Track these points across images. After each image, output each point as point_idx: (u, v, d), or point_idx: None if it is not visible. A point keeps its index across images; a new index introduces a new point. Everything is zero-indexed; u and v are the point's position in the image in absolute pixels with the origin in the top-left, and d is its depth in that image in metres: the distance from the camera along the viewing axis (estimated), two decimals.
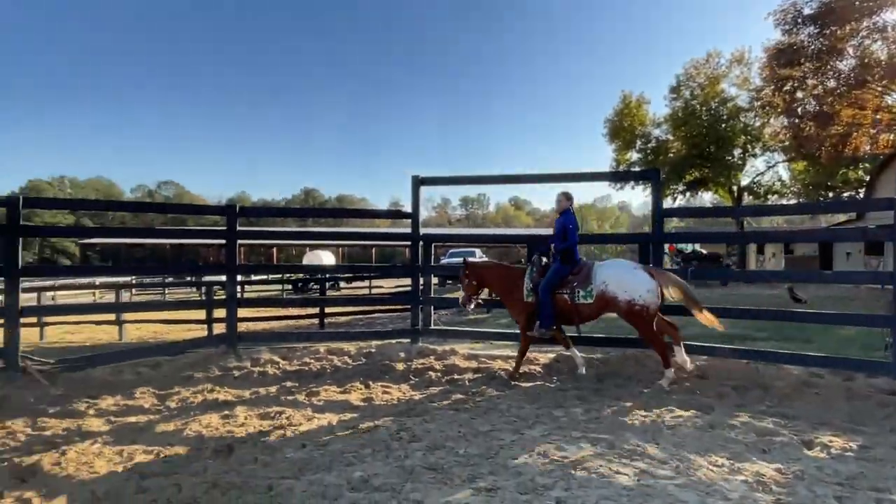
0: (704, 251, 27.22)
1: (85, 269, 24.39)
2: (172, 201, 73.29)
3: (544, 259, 5.72)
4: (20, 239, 5.46)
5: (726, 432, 3.85)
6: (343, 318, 12.25)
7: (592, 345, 6.39)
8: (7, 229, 5.37)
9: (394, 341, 6.89)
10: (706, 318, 5.28)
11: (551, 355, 6.18)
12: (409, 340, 6.79)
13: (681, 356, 5.37)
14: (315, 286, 21.09)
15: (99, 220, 62.58)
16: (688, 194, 30.59)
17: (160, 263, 41.63)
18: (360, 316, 12.58)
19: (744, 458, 3.32)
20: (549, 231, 6.37)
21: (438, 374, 5.67)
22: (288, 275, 22.45)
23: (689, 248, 26.59)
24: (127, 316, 11.15)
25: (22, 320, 5.62)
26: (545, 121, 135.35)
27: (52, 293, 16.77)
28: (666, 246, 10.68)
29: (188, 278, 19.65)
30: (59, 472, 3.34)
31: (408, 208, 7.05)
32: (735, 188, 28.78)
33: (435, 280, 8.59)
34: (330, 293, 17.63)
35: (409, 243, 7.16)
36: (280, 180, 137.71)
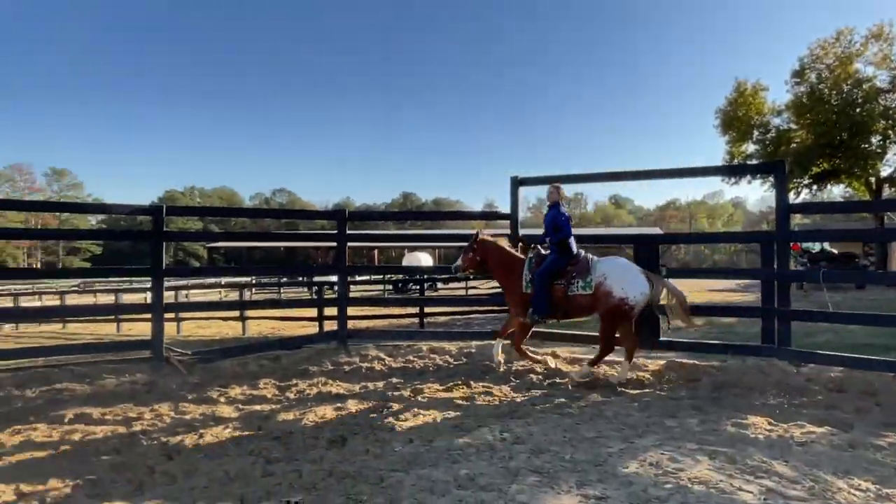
0: (835, 251, 24.36)
1: (213, 270, 27.10)
2: (286, 207, 79.05)
3: (544, 251, 5.81)
4: (163, 243, 6.21)
5: (870, 453, 3.42)
6: (442, 318, 12.50)
7: (706, 352, 5.98)
8: (153, 234, 6.13)
9: (493, 342, 6.90)
10: (692, 323, 5.51)
11: (661, 362, 5.87)
12: (509, 342, 6.77)
13: (624, 371, 5.44)
14: (414, 286, 21.75)
15: (223, 226, 69.27)
16: (814, 188, 27.55)
17: (275, 265, 44.99)
18: (458, 316, 12.78)
19: (894, 484, 2.94)
20: (654, 230, 6.05)
21: (539, 376, 5.60)
22: (389, 275, 23.56)
23: (816, 247, 23.94)
24: (249, 312, 12.19)
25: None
26: (646, 114, 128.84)
27: (185, 291, 18.87)
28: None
29: (299, 278, 21.19)
30: (197, 452, 3.73)
31: (503, 209, 7.06)
32: (873, 180, 25.45)
33: None
34: (427, 293, 18.08)
35: None
36: (380, 185, 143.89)
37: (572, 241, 5.66)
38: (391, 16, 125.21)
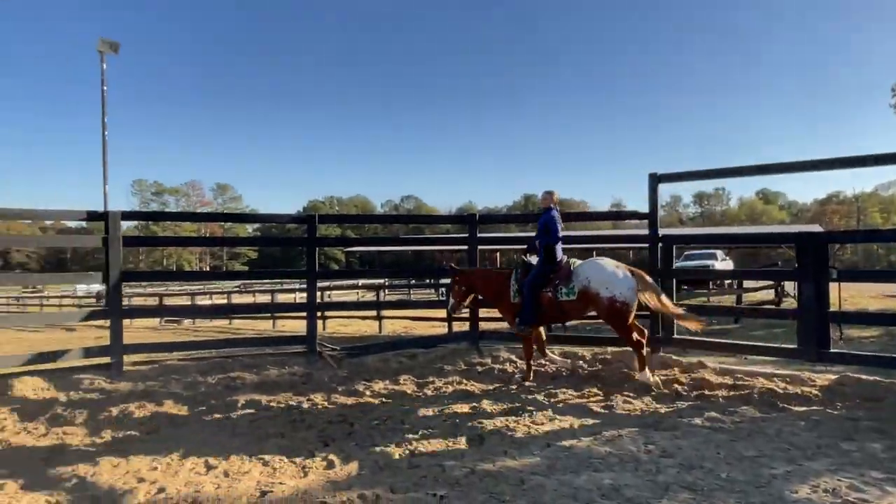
0: None
1: (352, 273, 29.20)
2: (413, 213, 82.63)
3: (529, 259, 5.86)
4: (316, 248, 6.86)
5: None
6: (569, 322, 12.18)
7: (889, 367, 5.15)
8: (308, 240, 6.80)
9: (630, 349, 6.59)
10: (687, 323, 5.49)
11: (831, 376, 5.17)
12: (648, 349, 6.42)
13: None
14: None
15: (358, 231, 74.30)
16: None
17: (404, 267, 47.21)
18: (587, 320, 12.36)
19: None
20: (810, 227, 5.33)
21: (685, 387, 5.23)
22: None
23: None
24: (385, 312, 12.94)
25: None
26: (798, 99, 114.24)
27: (328, 292, 20.57)
28: None
29: (427, 280, 22.07)
30: (350, 440, 4.04)
31: (634, 207, 6.72)
32: None
33: None
34: None
35: (644, 245, 6.78)
36: (500, 187, 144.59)
37: (559, 247, 5.69)
38: (517, 15, 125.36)
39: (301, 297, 18.28)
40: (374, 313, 13.38)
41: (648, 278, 5.57)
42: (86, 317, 7.52)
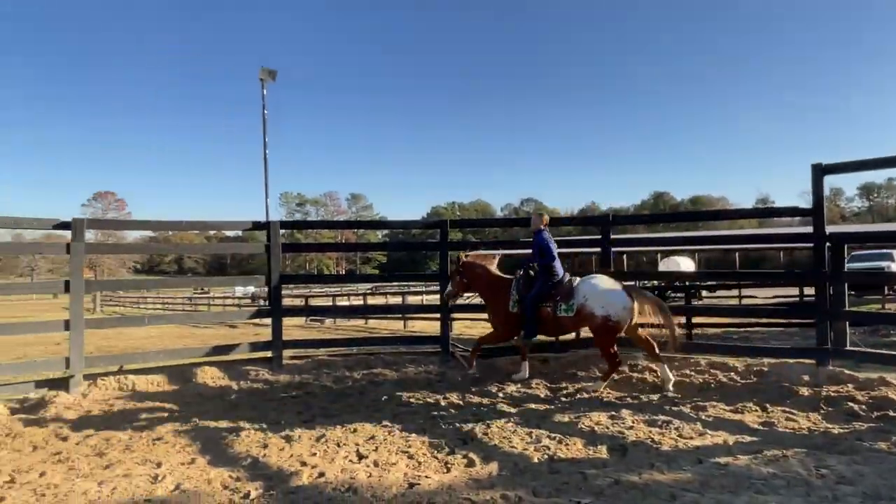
0: None
1: None
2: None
3: (531, 272, 5.98)
4: (447, 251, 7.11)
5: None
6: (711, 330, 11.22)
7: None
8: (441, 245, 7.08)
9: (791, 361, 5.92)
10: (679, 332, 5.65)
11: None
12: (812, 362, 5.71)
13: (663, 372, 5.50)
14: (674, 294, 20.02)
15: (477, 236, 75.33)
16: None
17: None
18: (731, 329, 11.29)
19: None
20: None
21: (862, 406, 4.57)
22: (644, 281, 22.08)
23: None
24: None
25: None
26: None
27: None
28: None
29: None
30: (487, 440, 4.11)
31: (780, 204, 5.98)
32: None
33: None
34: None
35: (807, 245, 6.04)
36: (623, 187, 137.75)
37: (557, 264, 5.90)
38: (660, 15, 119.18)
39: (428, 299, 19.01)
40: None
41: (648, 295, 5.70)
42: (252, 315, 8.53)
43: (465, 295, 6.96)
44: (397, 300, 20.82)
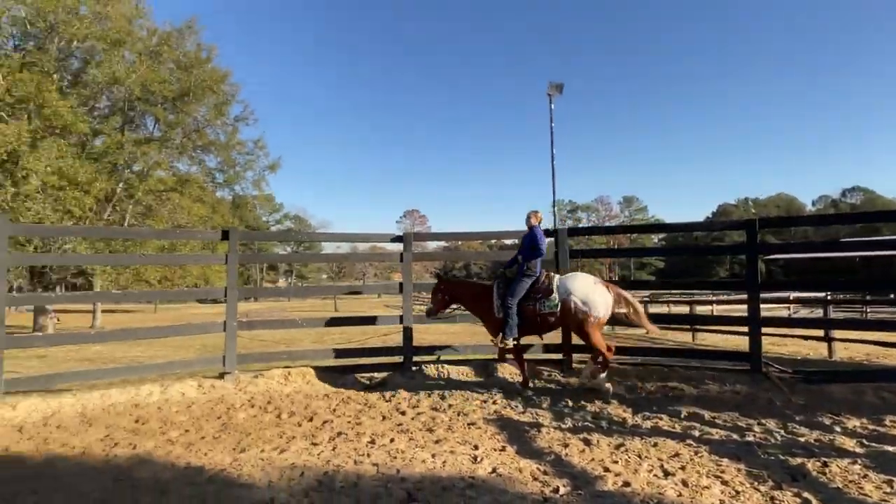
0: None
1: (801, 285, 24.96)
2: (860, 209, 65.48)
3: (509, 274, 6.13)
4: (757, 256, 6.22)
5: None
6: None
7: None
8: (749, 248, 6.22)
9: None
10: (652, 329, 5.97)
11: None
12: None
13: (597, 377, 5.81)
14: None
15: (780, 237, 63.87)
16: None
17: (851, 278, 37.65)
18: None
19: None
20: None
21: None
22: None
23: None
24: (836, 333, 10.60)
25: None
26: None
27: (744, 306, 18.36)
28: None
29: (892, 295, 16.83)
30: (826, 481, 3.44)
31: None
32: None
33: None
34: None
35: None
36: None
37: (538, 261, 5.99)
38: None
39: (719, 309, 16.94)
40: (817, 332, 11.10)
41: (627, 294, 5.89)
42: None
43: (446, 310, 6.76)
44: (680, 309, 19.25)
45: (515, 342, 6.07)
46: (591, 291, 5.78)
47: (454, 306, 6.72)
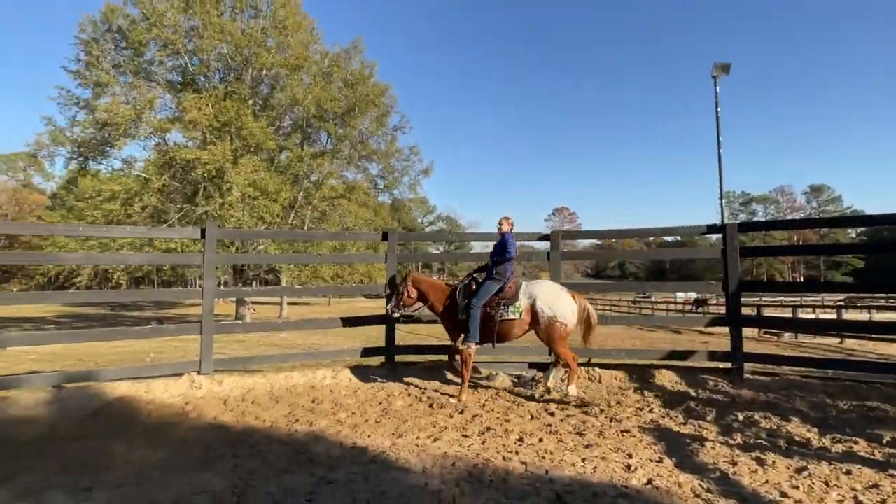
0: None
1: None
2: None
3: (474, 276, 6.17)
4: None
5: None
6: None
7: None
8: None
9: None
10: (589, 343, 6.00)
11: None
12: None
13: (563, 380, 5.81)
14: None
15: None
16: None
17: None
18: None
19: None
20: None
21: None
22: None
23: None
24: None
25: None
26: None
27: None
28: None
29: None
30: None
31: None
32: None
33: None
34: None
35: None
36: None
37: (508, 266, 5.93)
38: None
39: None
40: None
41: (589, 306, 5.90)
42: (709, 322, 8.24)
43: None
44: (885, 316, 16.22)
45: (477, 345, 5.92)
46: (556, 298, 5.79)
47: (418, 305, 6.51)
